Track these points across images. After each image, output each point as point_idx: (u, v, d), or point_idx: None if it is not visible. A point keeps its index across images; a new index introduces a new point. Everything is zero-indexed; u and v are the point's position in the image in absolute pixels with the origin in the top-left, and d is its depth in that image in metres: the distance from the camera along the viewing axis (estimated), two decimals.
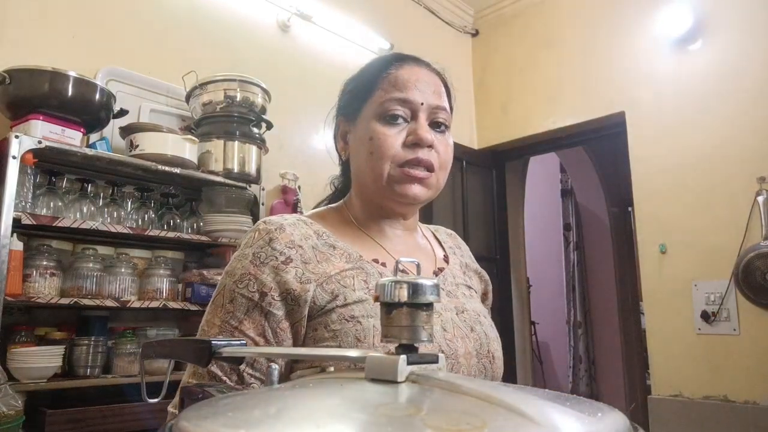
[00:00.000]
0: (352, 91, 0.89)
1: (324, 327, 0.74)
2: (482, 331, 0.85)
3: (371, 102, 0.84)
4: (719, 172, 2.54)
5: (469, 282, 0.95)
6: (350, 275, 0.78)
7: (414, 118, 0.82)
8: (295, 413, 0.33)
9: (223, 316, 0.76)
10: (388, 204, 0.85)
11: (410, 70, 0.84)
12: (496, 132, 3.45)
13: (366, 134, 0.83)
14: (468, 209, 3.31)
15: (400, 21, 3.16)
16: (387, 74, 0.84)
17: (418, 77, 0.84)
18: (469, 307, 0.87)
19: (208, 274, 1.95)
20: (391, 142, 0.80)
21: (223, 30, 2.40)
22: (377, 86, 0.84)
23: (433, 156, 0.82)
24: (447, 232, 1.04)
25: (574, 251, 4.94)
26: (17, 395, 1.41)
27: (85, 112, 1.73)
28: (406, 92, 0.82)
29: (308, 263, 0.77)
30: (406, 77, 0.83)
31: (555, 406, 0.35)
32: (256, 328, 0.74)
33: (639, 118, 2.83)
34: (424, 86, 0.83)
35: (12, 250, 1.51)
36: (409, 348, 0.40)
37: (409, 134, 0.81)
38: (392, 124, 0.81)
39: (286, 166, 2.46)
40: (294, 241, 0.78)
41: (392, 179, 0.81)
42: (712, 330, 2.49)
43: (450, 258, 0.96)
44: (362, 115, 0.85)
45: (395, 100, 0.81)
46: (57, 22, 1.94)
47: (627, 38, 2.92)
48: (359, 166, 0.86)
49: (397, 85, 0.82)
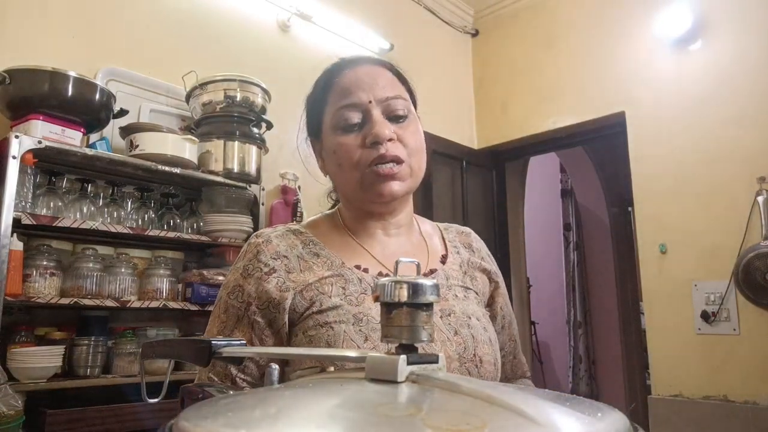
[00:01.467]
0: (310, 110, 0.93)
1: (302, 333, 0.78)
2: (469, 335, 0.82)
3: (326, 115, 0.87)
4: (719, 172, 2.53)
5: (469, 283, 0.92)
6: (329, 282, 0.81)
7: (368, 118, 0.83)
8: (295, 413, 0.33)
9: (219, 326, 0.82)
10: (371, 207, 0.87)
11: (349, 73, 0.86)
12: (496, 132, 3.44)
13: (330, 148, 0.86)
14: (468, 209, 3.31)
15: (400, 21, 3.16)
16: (331, 85, 0.87)
17: (358, 77, 0.85)
18: (457, 310, 0.85)
19: (208, 274, 1.95)
20: (353, 149, 0.82)
21: (223, 30, 2.39)
22: (327, 99, 0.87)
23: (398, 148, 0.82)
24: (459, 230, 1.01)
25: (574, 251, 4.94)
26: (17, 395, 1.41)
27: (85, 112, 1.73)
28: (350, 97, 0.83)
29: (291, 272, 0.82)
30: (347, 82, 0.85)
31: (555, 406, 0.35)
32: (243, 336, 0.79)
33: (639, 118, 2.83)
34: (367, 84, 0.84)
35: (12, 250, 1.51)
36: (409, 348, 0.40)
37: (365, 136, 0.82)
38: (349, 131, 0.83)
39: (286, 166, 2.46)
40: (279, 252, 0.83)
41: (366, 182, 0.82)
42: (712, 330, 2.49)
43: (449, 257, 0.94)
44: (323, 130, 0.88)
45: (344, 107, 0.83)
46: (57, 22, 1.94)
47: (627, 38, 2.92)
48: (334, 178, 0.90)
49: (342, 92, 0.85)
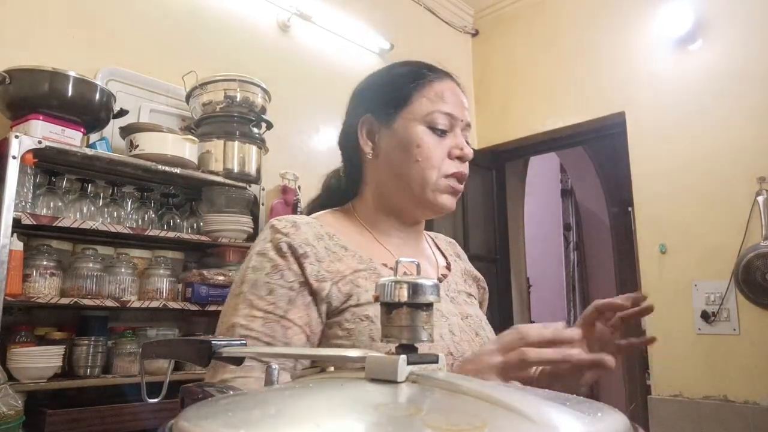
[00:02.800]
0: (384, 94, 0.88)
1: (338, 326, 0.75)
2: (485, 337, 0.87)
3: (412, 108, 0.85)
4: (719, 172, 2.54)
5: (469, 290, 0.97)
6: (363, 276, 0.79)
7: (452, 132, 0.85)
8: (295, 413, 0.33)
9: (265, 306, 0.75)
10: (419, 211, 0.88)
11: (449, 84, 0.87)
12: (496, 132, 3.45)
13: (411, 141, 0.83)
14: (468, 209, 3.31)
15: (400, 21, 3.16)
16: (428, 83, 0.86)
17: (455, 92, 0.87)
18: (471, 313, 0.89)
19: (208, 274, 1.95)
20: (440, 153, 0.84)
21: (223, 30, 2.39)
22: (417, 94, 0.85)
23: (467, 169, 0.86)
24: (447, 240, 1.06)
25: (574, 251, 4.95)
26: (17, 395, 1.41)
27: (85, 112, 1.73)
28: (449, 105, 0.85)
29: (322, 262, 0.78)
30: (447, 89, 0.86)
31: (555, 406, 0.35)
32: (301, 317, 0.75)
33: (639, 118, 2.83)
34: (461, 103, 0.87)
35: (12, 250, 1.51)
36: (409, 348, 0.40)
37: (453, 147, 0.84)
38: (439, 135, 0.84)
39: (286, 166, 2.46)
40: (308, 239, 0.79)
41: (436, 188, 0.84)
42: (712, 330, 2.49)
43: (452, 265, 0.97)
44: (400, 120, 0.85)
45: (442, 114, 0.84)
46: (57, 22, 1.94)
47: (627, 38, 2.92)
48: (396, 170, 0.85)
49: (440, 95, 0.85)
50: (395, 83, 0.88)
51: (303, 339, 0.75)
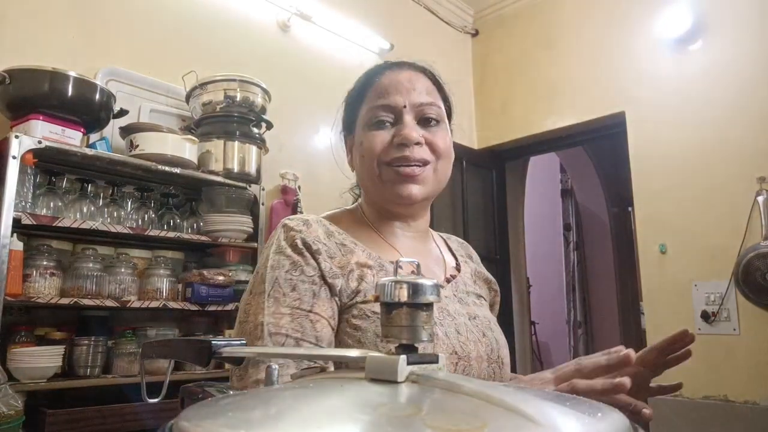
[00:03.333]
0: (347, 105, 0.94)
1: (346, 321, 0.77)
2: (493, 337, 0.87)
3: (361, 114, 0.88)
4: (719, 172, 2.53)
5: (479, 291, 0.96)
6: (371, 273, 0.80)
7: (399, 120, 0.84)
8: (295, 413, 0.33)
9: (291, 303, 0.75)
10: (392, 206, 0.88)
11: (390, 75, 0.88)
12: (496, 132, 3.45)
13: (358, 142, 0.87)
14: (468, 209, 3.31)
15: (400, 21, 3.16)
16: (371, 85, 0.88)
17: (398, 80, 0.87)
18: (480, 314, 0.89)
19: (208, 274, 1.95)
20: (377, 141, 0.84)
21: (223, 30, 2.39)
22: (364, 98, 0.88)
23: (425, 152, 0.84)
24: (459, 241, 1.06)
25: (574, 251, 4.95)
26: (17, 395, 1.41)
27: (85, 112, 1.73)
28: (387, 98, 0.85)
29: (334, 258, 0.80)
30: (386, 84, 0.87)
31: (555, 406, 0.35)
32: (326, 310, 0.76)
33: (639, 118, 2.83)
34: (407, 88, 0.86)
35: (12, 250, 1.51)
36: (409, 348, 0.40)
37: (395, 135, 0.84)
38: (379, 128, 0.85)
39: (286, 166, 2.46)
40: (319, 237, 0.81)
41: (387, 179, 0.84)
42: (712, 330, 2.49)
43: (461, 267, 0.97)
44: (356, 126, 0.89)
45: (378, 107, 0.85)
46: (57, 22, 1.94)
47: (627, 38, 2.92)
48: (358, 172, 0.90)
49: (380, 92, 0.86)
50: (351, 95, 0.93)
51: (330, 332, 0.76)
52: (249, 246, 2.09)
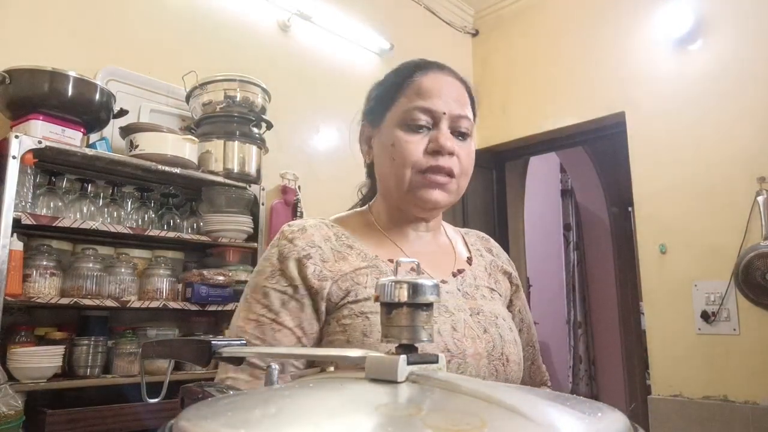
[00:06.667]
0: (377, 96, 0.91)
1: (336, 321, 0.78)
2: (497, 334, 0.85)
3: (395, 109, 0.86)
4: (719, 172, 2.53)
5: (494, 285, 0.95)
6: (364, 273, 0.81)
7: (436, 126, 0.84)
8: (295, 413, 0.33)
9: (259, 310, 0.79)
10: (411, 209, 0.88)
11: (434, 78, 0.86)
12: (496, 132, 3.44)
13: (389, 140, 0.85)
14: (468, 209, 3.31)
15: (400, 21, 3.16)
16: (411, 81, 0.86)
17: (441, 86, 0.85)
18: (486, 309, 0.87)
19: (208, 274, 1.95)
20: (413, 149, 0.82)
21: (223, 30, 2.39)
22: (401, 93, 0.86)
23: (454, 163, 0.84)
24: (479, 235, 1.05)
25: (574, 251, 4.94)
26: (17, 395, 1.41)
27: (85, 112, 1.73)
28: (429, 101, 0.83)
29: (326, 262, 0.81)
30: (429, 86, 0.85)
31: (555, 406, 0.35)
32: (293, 319, 0.78)
33: (639, 118, 2.83)
34: (447, 95, 0.85)
35: (12, 250, 1.51)
36: (409, 348, 0.40)
37: (430, 141, 0.83)
38: (414, 131, 0.83)
39: (286, 166, 2.46)
40: (314, 241, 0.82)
41: (414, 185, 0.83)
42: (712, 330, 2.48)
43: (474, 260, 0.96)
44: (386, 122, 0.87)
45: (418, 109, 0.83)
46: (57, 22, 1.94)
47: (627, 38, 2.92)
48: (382, 171, 0.89)
49: (421, 93, 0.84)
50: (385, 86, 0.90)
51: (293, 340, 0.77)
52: (249, 246, 2.09)
